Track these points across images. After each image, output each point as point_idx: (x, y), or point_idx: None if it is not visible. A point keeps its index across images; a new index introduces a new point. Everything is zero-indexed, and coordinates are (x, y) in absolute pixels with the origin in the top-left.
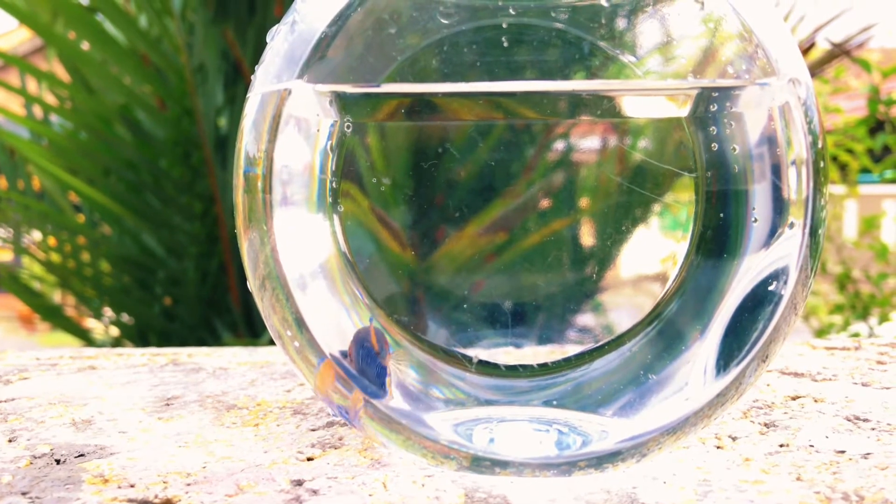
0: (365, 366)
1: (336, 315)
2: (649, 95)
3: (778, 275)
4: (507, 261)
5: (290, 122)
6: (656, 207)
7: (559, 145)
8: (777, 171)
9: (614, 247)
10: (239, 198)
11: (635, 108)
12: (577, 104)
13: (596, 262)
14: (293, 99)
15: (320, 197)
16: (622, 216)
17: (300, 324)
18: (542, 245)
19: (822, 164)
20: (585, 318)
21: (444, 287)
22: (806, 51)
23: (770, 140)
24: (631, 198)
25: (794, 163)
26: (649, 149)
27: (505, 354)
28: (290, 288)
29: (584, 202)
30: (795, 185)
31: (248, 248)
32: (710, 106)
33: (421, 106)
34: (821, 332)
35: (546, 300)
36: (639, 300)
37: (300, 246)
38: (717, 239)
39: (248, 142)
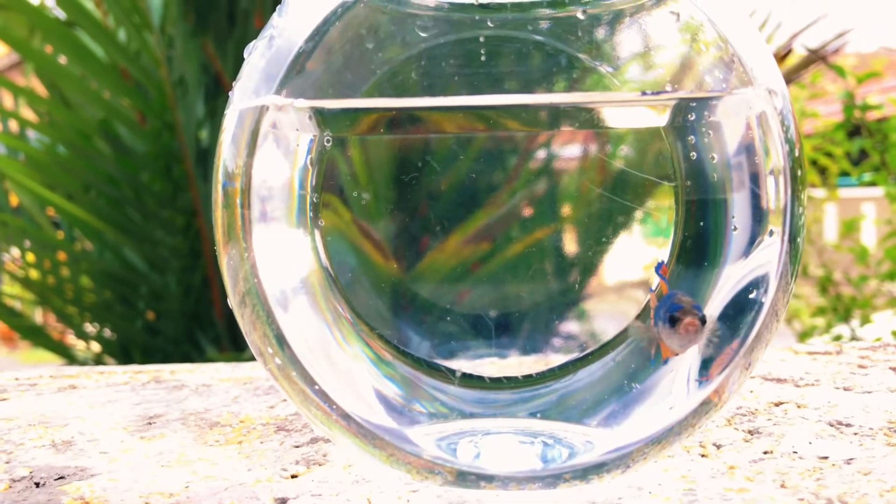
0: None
1: (318, 331)
2: (628, 106)
3: (758, 283)
4: (490, 271)
5: (268, 138)
6: (638, 215)
7: (540, 156)
8: (756, 179)
9: (597, 255)
10: (218, 213)
11: (614, 118)
12: (557, 115)
13: (579, 270)
14: (271, 114)
15: (300, 212)
16: (603, 225)
17: (281, 341)
18: (524, 255)
19: (799, 172)
20: (569, 327)
21: (427, 299)
22: (783, 57)
23: (748, 149)
24: (612, 206)
25: (772, 172)
26: (629, 158)
27: (489, 366)
28: (271, 304)
29: (565, 211)
30: (774, 193)
31: (227, 264)
32: (689, 115)
33: (401, 120)
34: (804, 335)
35: (530, 310)
36: (622, 308)
37: (280, 262)
38: (697, 248)
39: (226, 157)
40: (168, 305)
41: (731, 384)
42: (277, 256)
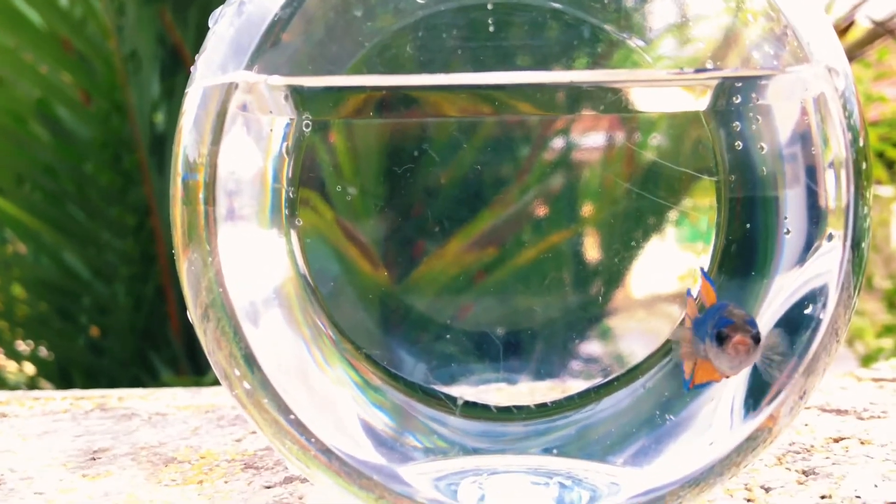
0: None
1: (294, 351)
2: (662, 86)
3: (815, 295)
4: (497, 281)
5: (236, 122)
6: (672, 216)
7: (557, 145)
8: (812, 173)
9: (623, 263)
10: (177, 210)
11: (645, 101)
12: (578, 97)
13: (602, 281)
14: (240, 94)
15: (274, 210)
16: (632, 227)
17: (250, 362)
18: (538, 262)
19: (864, 165)
20: (591, 349)
21: (423, 314)
22: (844, 31)
23: (804, 137)
24: (642, 205)
25: (831, 164)
26: (662, 148)
27: (496, 393)
28: (239, 319)
29: (587, 211)
30: (834, 190)
31: (187, 270)
32: (733, 98)
33: (394, 101)
34: (867, 359)
35: (544, 327)
36: (653, 326)
37: (250, 268)
38: (742, 254)
39: (187, 144)
40: (115, 320)
41: (782, 416)
42: (247, 262)
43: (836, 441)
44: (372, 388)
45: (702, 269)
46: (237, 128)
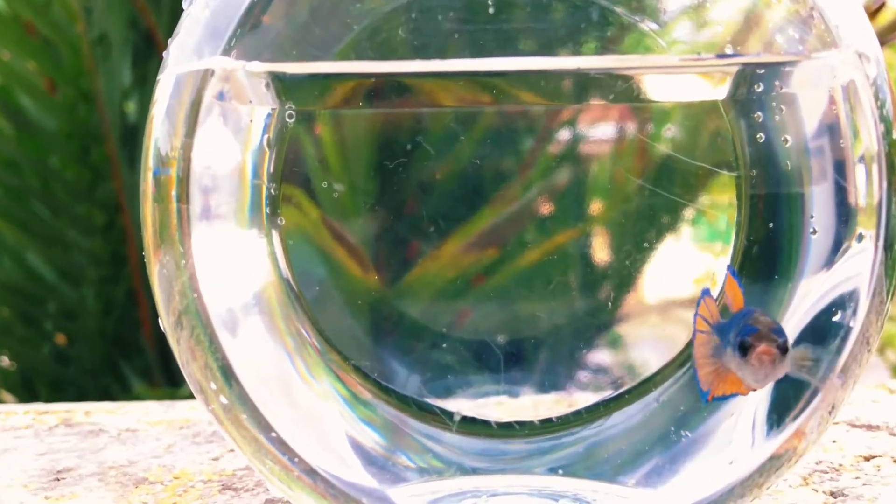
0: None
1: (275, 362)
2: (677, 73)
3: (845, 301)
4: (497, 285)
5: (212, 111)
6: (688, 214)
7: (562, 138)
8: (841, 168)
9: (635, 265)
10: (148, 208)
11: (659, 89)
12: (585, 85)
13: (612, 284)
14: (216, 81)
15: (254, 207)
16: (644, 226)
17: (228, 374)
18: (542, 264)
19: None
20: (599, 358)
21: (417, 321)
22: (874, 12)
23: (831, 129)
24: (655, 203)
25: (862, 158)
26: (678, 141)
27: (496, 407)
28: (215, 327)
29: (594, 209)
30: (865, 186)
31: (159, 274)
32: (755, 86)
33: (385, 89)
34: None
35: (548, 336)
36: (668, 333)
37: (227, 272)
38: (765, 256)
39: (159, 136)
40: (83, 326)
41: (809, 432)
42: (224, 265)
43: (867, 459)
44: (361, 403)
45: (730, 268)
46: (213, 118)
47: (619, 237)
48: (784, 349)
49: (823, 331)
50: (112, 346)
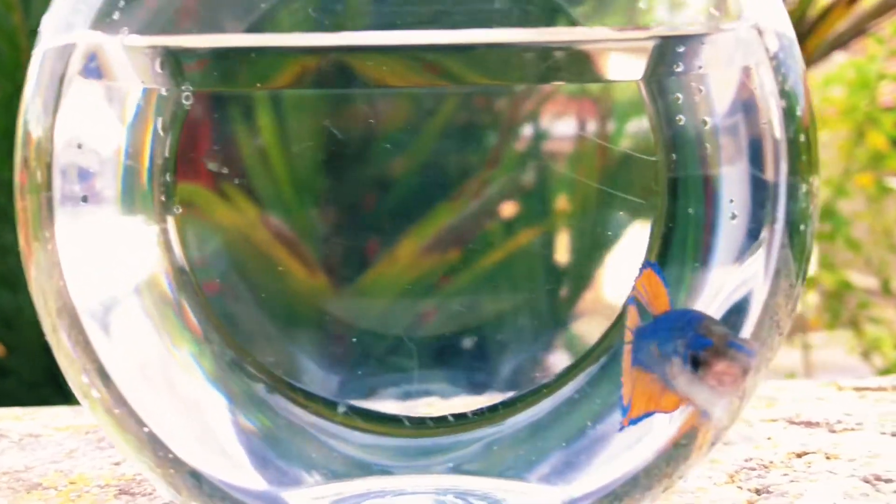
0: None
1: (159, 360)
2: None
3: (752, 286)
4: (392, 279)
5: (81, 90)
6: (604, 201)
7: (458, 119)
8: (757, 149)
9: (545, 258)
10: (20, 202)
11: (572, 68)
12: (470, 63)
13: (520, 278)
14: (81, 57)
15: (127, 191)
16: (555, 216)
17: (105, 375)
18: (441, 259)
19: (802, 138)
20: (509, 357)
21: (319, 314)
22: (852, 1)
23: (746, 108)
24: (568, 189)
25: (763, 137)
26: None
27: (402, 404)
28: (86, 326)
29: (493, 198)
30: (771, 166)
31: (34, 273)
32: (674, 65)
33: (289, 66)
34: (887, 373)
35: (457, 333)
36: (583, 329)
37: (103, 265)
38: (682, 242)
39: (28, 119)
40: (22, 336)
41: (714, 416)
42: (99, 258)
43: (800, 456)
44: (255, 401)
45: (649, 263)
46: (80, 97)
47: (519, 225)
48: (747, 368)
49: (732, 317)
50: (52, 356)
